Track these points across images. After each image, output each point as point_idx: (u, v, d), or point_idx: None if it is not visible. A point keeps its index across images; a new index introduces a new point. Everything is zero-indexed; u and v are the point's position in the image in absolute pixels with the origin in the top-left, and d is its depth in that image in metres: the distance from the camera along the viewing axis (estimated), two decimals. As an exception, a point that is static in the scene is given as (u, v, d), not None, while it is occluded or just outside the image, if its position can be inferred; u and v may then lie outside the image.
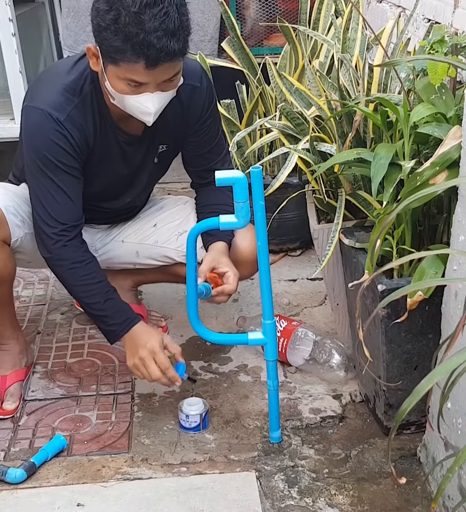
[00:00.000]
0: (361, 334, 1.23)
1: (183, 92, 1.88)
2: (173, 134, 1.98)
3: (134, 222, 2.19)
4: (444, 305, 1.58)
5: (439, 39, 1.63)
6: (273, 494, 1.69)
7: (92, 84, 1.82)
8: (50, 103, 1.79)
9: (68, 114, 1.79)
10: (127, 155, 1.95)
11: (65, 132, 1.79)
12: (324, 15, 2.71)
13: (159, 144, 1.98)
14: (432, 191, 1.43)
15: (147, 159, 1.99)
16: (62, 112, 1.79)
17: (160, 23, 1.60)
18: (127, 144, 1.93)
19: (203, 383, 2.09)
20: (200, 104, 1.95)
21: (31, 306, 2.52)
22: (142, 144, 1.95)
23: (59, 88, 1.81)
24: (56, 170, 1.81)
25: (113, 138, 1.90)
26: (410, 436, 1.83)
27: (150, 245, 2.14)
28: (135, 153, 1.96)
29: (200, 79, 1.95)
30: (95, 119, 1.85)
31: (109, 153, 1.92)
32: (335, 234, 1.90)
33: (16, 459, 1.81)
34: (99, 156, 1.90)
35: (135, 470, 1.77)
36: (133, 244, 2.15)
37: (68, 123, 1.79)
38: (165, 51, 1.62)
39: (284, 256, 2.82)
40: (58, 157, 1.80)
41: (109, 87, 1.74)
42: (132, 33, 1.59)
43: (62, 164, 1.81)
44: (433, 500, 1.08)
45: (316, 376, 2.09)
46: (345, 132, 1.97)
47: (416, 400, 1.02)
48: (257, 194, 1.64)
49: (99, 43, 1.67)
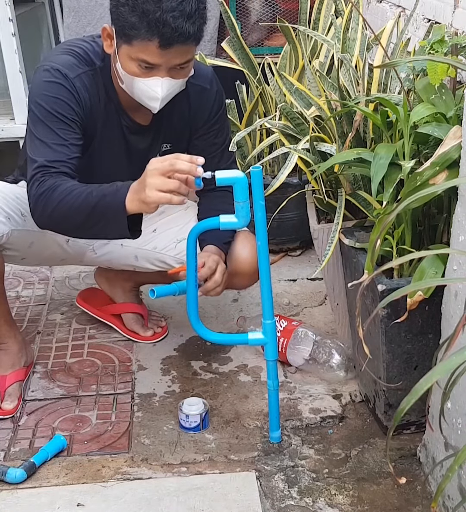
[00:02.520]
0: (361, 332, 1.23)
1: (192, 92, 1.88)
2: (178, 133, 1.97)
3: None
4: (444, 305, 1.58)
5: (439, 39, 1.63)
6: (273, 494, 1.69)
7: (103, 64, 1.83)
8: (61, 62, 1.81)
9: (78, 74, 1.80)
10: (129, 144, 1.93)
11: (72, 87, 1.79)
12: (324, 15, 2.71)
13: (163, 142, 1.98)
14: (432, 191, 1.43)
15: (149, 154, 1.97)
16: (73, 71, 1.80)
17: (178, 4, 1.63)
18: (130, 132, 1.91)
19: (203, 383, 2.09)
20: (208, 107, 1.95)
21: (31, 306, 2.52)
22: (146, 136, 1.94)
23: (72, 53, 1.83)
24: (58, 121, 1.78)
25: (117, 120, 1.89)
26: (410, 436, 1.83)
27: (149, 250, 2.12)
28: (138, 144, 1.94)
29: (211, 82, 1.95)
30: (102, 94, 1.85)
31: (112, 138, 1.90)
32: (335, 234, 1.90)
33: (16, 459, 1.81)
34: (100, 138, 1.88)
35: (135, 470, 1.77)
36: (132, 249, 2.13)
37: (77, 81, 1.80)
38: (180, 31, 1.63)
39: (284, 256, 2.82)
40: (60, 109, 1.78)
41: (120, 68, 1.74)
42: (150, 10, 1.62)
43: (64, 116, 1.79)
44: (433, 500, 1.08)
45: (316, 376, 2.09)
46: (345, 132, 1.97)
47: (414, 399, 1.02)
48: (257, 194, 1.65)
49: (115, 20, 1.69)
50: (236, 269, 1.98)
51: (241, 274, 1.99)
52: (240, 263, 1.97)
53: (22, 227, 1.97)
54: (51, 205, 1.73)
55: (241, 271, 1.98)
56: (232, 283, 2.05)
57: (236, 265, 1.98)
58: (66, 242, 2.11)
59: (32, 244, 2.02)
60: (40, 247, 2.05)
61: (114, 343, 2.28)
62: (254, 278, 1.94)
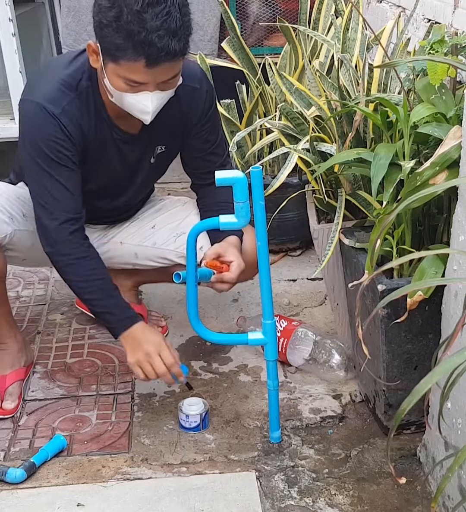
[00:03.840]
0: (360, 333, 1.23)
1: (182, 94, 1.88)
2: (171, 135, 1.97)
3: (132, 223, 2.19)
4: (444, 305, 1.58)
5: (439, 39, 1.63)
6: (273, 494, 1.69)
7: (90, 81, 1.82)
8: (46, 96, 1.80)
9: (63, 108, 1.80)
10: (123, 154, 1.95)
11: (60, 125, 1.79)
12: (324, 15, 2.71)
13: (157, 145, 1.98)
14: (432, 191, 1.43)
15: (144, 158, 1.99)
16: (57, 106, 1.79)
17: (162, 22, 1.60)
18: (123, 142, 1.92)
19: (203, 383, 2.09)
20: (199, 107, 1.95)
21: (31, 306, 2.52)
22: (139, 143, 1.95)
23: (56, 82, 1.82)
24: (51, 162, 1.81)
25: (109, 135, 1.90)
26: (410, 436, 1.83)
27: (148, 247, 2.13)
28: (132, 152, 1.95)
29: (200, 81, 1.95)
30: (91, 115, 1.85)
31: (105, 151, 1.92)
32: (335, 234, 1.90)
33: (16, 459, 1.81)
34: (94, 154, 1.90)
35: (135, 470, 1.77)
36: (132, 246, 2.14)
37: (63, 116, 1.79)
38: (166, 50, 1.62)
39: (284, 256, 2.82)
40: (53, 149, 1.80)
41: (108, 84, 1.74)
42: (134, 31, 1.60)
43: (58, 157, 1.81)
44: (433, 500, 1.08)
45: (316, 376, 2.09)
46: (345, 132, 1.97)
47: (415, 400, 1.02)
48: (257, 194, 1.64)
49: (100, 40, 1.68)
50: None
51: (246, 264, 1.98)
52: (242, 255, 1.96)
53: (23, 228, 1.98)
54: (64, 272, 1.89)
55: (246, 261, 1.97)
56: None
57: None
58: None
59: (33, 246, 2.02)
60: (41, 248, 2.05)
61: (114, 343, 2.28)
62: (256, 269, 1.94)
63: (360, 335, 1.23)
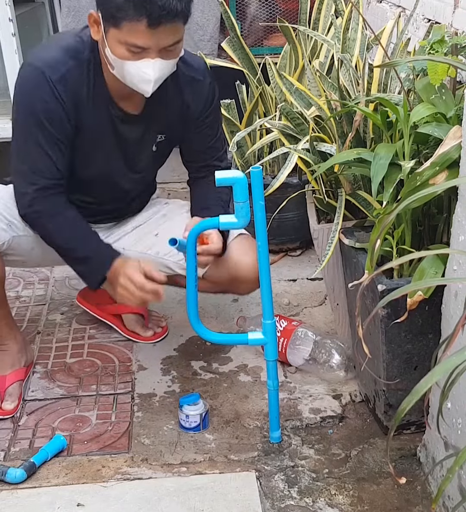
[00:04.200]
0: (360, 332, 1.23)
1: (184, 83, 1.88)
2: (171, 125, 1.96)
3: (136, 229, 2.14)
4: (444, 305, 1.58)
5: (439, 39, 1.63)
6: (273, 494, 1.69)
7: (92, 54, 1.82)
8: (45, 61, 1.81)
9: (61, 75, 1.79)
10: (119, 134, 1.92)
11: (55, 91, 1.79)
12: (324, 15, 2.71)
13: (158, 133, 1.97)
14: (432, 191, 1.43)
15: (145, 144, 1.96)
16: (56, 72, 1.79)
17: None
18: (121, 122, 1.90)
19: (203, 383, 2.09)
20: (202, 99, 1.95)
21: (31, 306, 2.52)
22: (137, 126, 1.93)
23: (58, 48, 1.83)
24: (40, 126, 1.80)
25: (106, 112, 1.88)
26: (410, 436, 1.83)
27: (152, 255, 2.08)
28: (129, 134, 1.93)
29: (204, 73, 1.95)
30: (90, 87, 1.84)
31: (102, 129, 1.89)
32: (335, 234, 1.90)
33: (16, 459, 1.81)
34: (90, 131, 1.88)
35: (135, 470, 1.77)
36: (135, 253, 2.09)
37: (59, 83, 1.79)
38: (167, 9, 1.63)
39: (284, 256, 2.82)
40: (44, 114, 1.79)
41: (109, 53, 1.73)
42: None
43: (47, 121, 1.80)
44: (433, 501, 1.08)
45: (316, 376, 2.09)
46: (345, 132, 1.97)
47: (415, 400, 1.02)
48: (257, 194, 1.64)
49: (101, 6, 1.69)
50: (238, 274, 1.97)
51: (244, 280, 1.97)
52: (243, 269, 1.96)
53: (22, 233, 1.97)
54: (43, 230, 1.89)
55: (243, 277, 1.97)
56: (234, 288, 2.05)
57: (238, 271, 1.97)
58: None
59: (33, 250, 2.02)
60: (42, 252, 2.05)
61: (114, 343, 2.29)
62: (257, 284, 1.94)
63: (360, 334, 1.23)
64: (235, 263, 1.97)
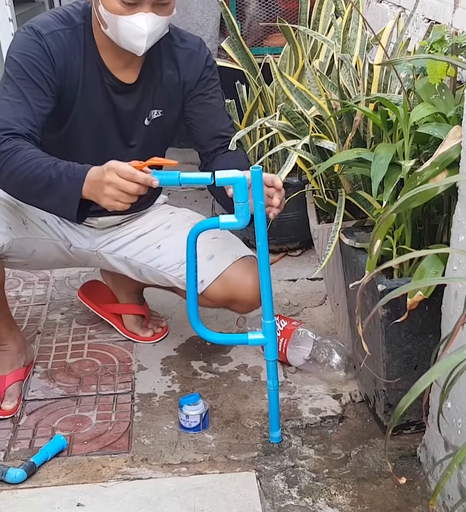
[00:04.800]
0: (360, 330, 1.23)
1: (180, 55, 1.89)
2: (169, 99, 1.94)
3: (139, 238, 2.09)
4: (444, 305, 1.58)
5: (439, 39, 1.63)
6: (273, 494, 1.69)
7: (84, 19, 1.84)
8: (38, 21, 1.82)
9: (52, 31, 1.80)
10: (114, 105, 1.89)
11: (43, 44, 1.78)
12: (324, 15, 2.71)
13: (153, 108, 1.94)
14: (431, 187, 1.43)
15: (137, 118, 1.93)
16: (47, 28, 1.80)
17: None
18: (115, 91, 1.88)
19: (203, 383, 2.09)
20: (199, 66, 1.94)
21: (31, 306, 2.52)
22: (132, 97, 1.90)
23: (51, 14, 1.85)
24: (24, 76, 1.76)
25: (99, 80, 1.86)
26: (410, 436, 1.83)
27: (152, 267, 2.05)
28: (124, 105, 1.90)
29: (200, 46, 1.96)
30: (81, 53, 1.83)
31: (95, 97, 1.87)
32: (335, 234, 1.90)
33: (16, 459, 1.81)
34: (82, 98, 1.85)
35: (135, 470, 1.77)
36: (137, 263, 2.07)
37: (49, 38, 1.79)
38: None
39: (284, 256, 2.82)
40: (30, 64, 1.77)
41: (103, 10, 1.74)
42: None
43: (32, 72, 1.77)
44: (431, 497, 1.08)
45: (316, 376, 2.09)
46: (345, 132, 1.97)
47: (413, 398, 1.02)
48: (257, 194, 1.64)
49: None
50: (236, 297, 1.95)
51: (242, 301, 1.95)
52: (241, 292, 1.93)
53: (23, 236, 1.95)
54: (10, 166, 1.71)
55: (242, 299, 1.94)
56: (232, 308, 2.03)
57: (235, 293, 1.94)
58: (68, 249, 2.08)
59: (34, 252, 2.01)
60: (43, 254, 2.04)
61: (114, 343, 2.29)
62: (255, 305, 1.94)
63: (360, 332, 1.23)
64: (234, 284, 1.94)
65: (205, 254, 1.93)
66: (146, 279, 2.10)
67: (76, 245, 2.08)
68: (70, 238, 2.07)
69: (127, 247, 2.09)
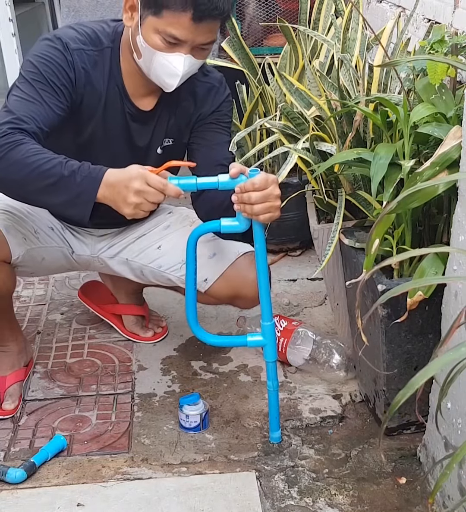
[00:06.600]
0: (359, 323, 1.23)
1: (199, 89, 1.88)
2: (181, 129, 1.94)
3: (138, 239, 2.09)
4: (444, 305, 1.58)
5: (439, 39, 1.63)
6: (273, 494, 1.69)
7: (112, 44, 1.80)
8: (65, 34, 1.77)
9: (79, 49, 1.76)
10: (130, 131, 1.89)
11: (68, 56, 1.74)
12: (324, 15, 2.71)
13: (165, 137, 1.94)
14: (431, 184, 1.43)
15: (152, 145, 1.93)
16: (75, 43, 1.76)
17: None
18: (133, 120, 1.87)
19: (203, 383, 2.09)
20: (217, 101, 1.92)
21: (31, 306, 2.52)
22: (148, 124, 1.90)
23: (78, 29, 1.80)
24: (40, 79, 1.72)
25: (120, 107, 1.85)
26: (410, 436, 1.83)
27: (154, 268, 2.04)
28: (140, 135, 1.90)
29: (221, 82, 1.94)
30: (105, 77, 1.81)
31: (113, 122, 1.86)
32: (335, 234, 1.90)
33: (16, 459, 1.81)
34: (101, 119, 1.84)
35: (135, 470, 1.77)
36: (138, 265, 2.07)
37: (76, 53, 1.75)
38: (215, 5, 1.63)
39: (284, 256, 2.83)
40: (49, 70, 1.72)
41: (141, 41, 1.70)
42: None
43: (49, 76, 1.72)
44: (430, 496, 1.08)
45: (316, 376, 2.09)
46: (345, 132, 1.97)
47: (410, 393, 1.02)
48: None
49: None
50: (240, 292, 1.94)
51: (245, 297, 1.95)
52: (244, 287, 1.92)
53: (35, 245, 1.95)
54: (10, 159, 1.61)
55: (245, 295, 1.94)
56: (236, 304, 2.03)
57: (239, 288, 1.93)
58: (71, 255, 2.08)
59: (43, 260, 2.00)
60: (50, 261, 2.04)
61: (114, 343, 2.29)
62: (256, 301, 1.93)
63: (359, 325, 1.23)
64: (237, 281, 1.94)
65: (206, 252, 1.93)
66: (149, 280, 2.10)
67: (78, 251, 2.08)
68: (72, 245, 2.07)
69: (128, 249, 2.09)
